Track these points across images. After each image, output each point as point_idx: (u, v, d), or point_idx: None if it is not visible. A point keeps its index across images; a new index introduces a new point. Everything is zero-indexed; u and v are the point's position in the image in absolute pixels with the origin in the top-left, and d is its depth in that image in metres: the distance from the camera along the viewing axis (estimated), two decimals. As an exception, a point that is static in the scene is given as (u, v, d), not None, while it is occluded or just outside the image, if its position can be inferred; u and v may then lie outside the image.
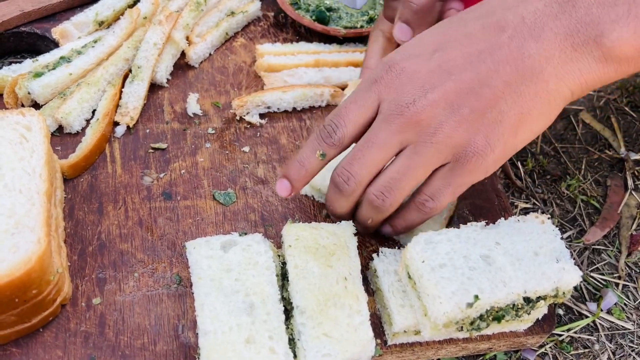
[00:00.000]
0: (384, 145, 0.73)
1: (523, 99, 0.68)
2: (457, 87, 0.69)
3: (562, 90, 0.68)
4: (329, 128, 0.76)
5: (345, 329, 0.73)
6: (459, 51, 0.69)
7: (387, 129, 0.72)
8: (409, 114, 0.70)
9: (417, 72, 0.71)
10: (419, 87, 0.70)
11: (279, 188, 0.81)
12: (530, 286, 0.74)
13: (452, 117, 0.69)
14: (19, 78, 0.93)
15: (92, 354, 0.74)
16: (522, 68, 0.67)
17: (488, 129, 0.69)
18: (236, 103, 1.00)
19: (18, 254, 0.66)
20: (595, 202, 1.06)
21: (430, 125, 0.70)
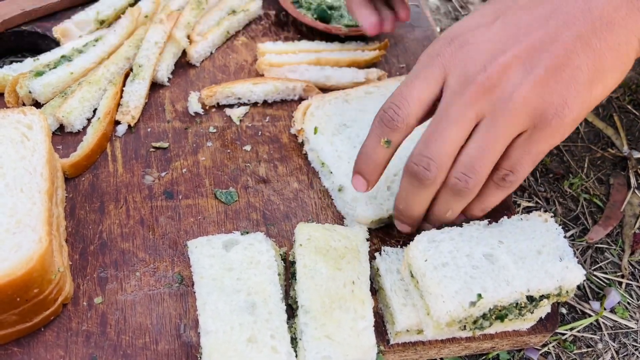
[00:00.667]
0: (459, 121, 0.69)
1: (595, 52, 0.66)
2: (528, 47, 0.67)
3: (632, 41, 0.67)
4: (390, 111, 0.73)
5: (348, 333, 0.73)
6: (523, 13, 0.68)
7: (460, 102, 0.69)
8: (481, 81, 0.68)
9: (482, 40, 0.69)
10: (488, 53, 0.68)
11: (355, 184, 0.79)
12: (533, 285, 0.74)
13: (526, 79, 0.67)
14: (20, 77, 0.93)
15: (94, 354, 0.74)
16: (591, 19, 0.65)
17: (564, 88, 0.67)
18: (205, 93, 1.00)
19: (19, 253, 0.66)
20: (598, 201, 1.05)
21: (505, 90, 0.67)
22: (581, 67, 0.66)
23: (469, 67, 0.69)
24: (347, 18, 1.15)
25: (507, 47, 0.68)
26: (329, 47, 1.12)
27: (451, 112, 0.69)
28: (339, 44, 1.13)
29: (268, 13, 1.20)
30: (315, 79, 1.05)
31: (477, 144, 0.70)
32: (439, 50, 0.71)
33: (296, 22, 1.18)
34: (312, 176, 0.95)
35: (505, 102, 0.67)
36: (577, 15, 0.66)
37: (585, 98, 0.68)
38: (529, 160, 0.71)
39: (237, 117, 1.01)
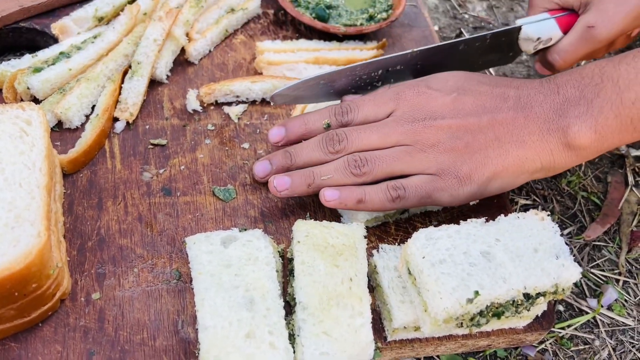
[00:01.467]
0: (384, 136, 0.85)
1: (506, 154, 0.82)
2: (460, 124, 0.83)
3: (535, 161, 0.82)
4: (344, 108, 0.89)
5: (345, 330, 0.73)
6: (471, 99, 0.85)
7: (393, 127, 0.85)
8: (417, 126, 0.84)
9: (434, 100, 0.85)
10: (432, 112, 0.85)
11: (274, 134, 0.90)
12: (530, 282, 0.74)
13: (448, 143, 0.83)
14: (18, 73, 0.93)
15: (92, 349, 0.74)
16: (511, 133, 0.82)
17: (474, 165, 0.82)
18: (203, 91, 1.00)
19: (18, 247, 0.66)
20: (596, 199, 1.06)
21: (430, 140, 0.83)
22: (491, 159, 0.82)
23: (414, 113, 0.85)
24: (345, 17, 1.15)
25: (448, 116, 0.84)
26: (327, 46, 1.12)
27: (384, 128, 0.85)
28: (337, 43, 1.14)
29: (267, 12, 1.20)
30: None
31: (387, 152, 0.84)
32: (401, 91, 0.88)
33: (295, 21, 1.19)
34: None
35: (425, 146, 0.84)
36: (503, 124, 0.82)
37: (484, 182, 0.83)
38: (420, 193, 0.83)
39: (235, 114, 1.01)
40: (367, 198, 0.83)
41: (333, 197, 0.83)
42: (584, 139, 0.80)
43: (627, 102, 0.78)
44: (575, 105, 0.80)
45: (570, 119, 0.80)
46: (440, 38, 1.31)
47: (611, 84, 0.79)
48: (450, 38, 1.34)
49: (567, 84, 0.82)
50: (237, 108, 1.01)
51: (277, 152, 0.90)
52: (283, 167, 0.88)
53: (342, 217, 0.91)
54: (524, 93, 0.84)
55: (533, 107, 0.82)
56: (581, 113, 0.80)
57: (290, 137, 0.90)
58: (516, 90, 0.85)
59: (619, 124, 0.79)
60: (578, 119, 0.80)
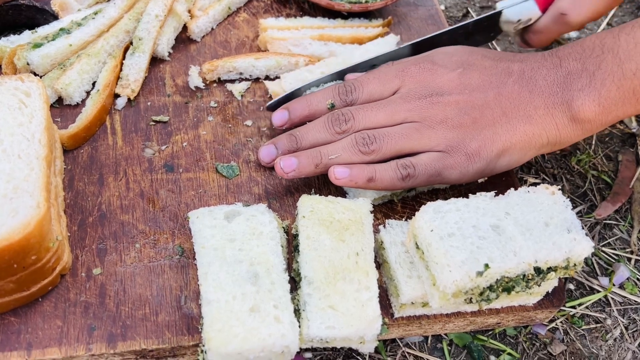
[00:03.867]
0: (391, 113, 0.84)
1: (513, 129, 0.81)
2: (468, 100, 0.82)
3: (542, 136, 0.81)
4: (348, 87, 0.87)
5: (352, 304, 0.71)
6: (477, 74, 0.84)
7: (400, 104, 0.84)
8: (423, 103, 0.83)
9: (440, 76, 0.84)
10: (438, 88, 0.84)
11: (277, 117, 0.89)
12: (541, 256, 0.72)
13: (456, 118, 0.82)
14: (18, 48, 0.91)
15: (92, 324, 0.72)
16: (517, 106, 0.81)
17: (482, 141, 0.81)
18: (206, 67, 0.99)
19: (17, 218, 0.65)
20: (606, 177, 1.04)
21: (437, 116, 0.82)
22: (499, 135, 0.81)
23: (420, 90, 0.84)
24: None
25: (454, 92, 0.83)
26: (331, 24, 1.10)
27: (390, 105, 0.84)
28: (341, 21, 1.12)
29: (270, -10, 1.18)
30: (319, 54, 1.03)
31: (396, 129, 0.83)
32: (405, 67, 0.87)
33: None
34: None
35: (433, 122, 0.82)
36: (509, 98, 0.82)
37: (493, 159, 0.81)
38: (429, 171, 0.81)
39: (238, 92, 0.99)
40: (377, 176, 0.81)
41: (344, 174, 0.81)
42: (588, 112, 0.79)
43: (629, 73, 0.77)
44: (577, 78, 0.80)
45: (573, 92, 0.79)
46: (446, 17, 1.29)
47: (612, 55, 0.78)
48: (456, 17, 1.32)
49: (569, 56, 0.81)
50: (241, 85, 1.00)
51: (282, 136, 0.88)
52: (289, 151, 0.86)
53: (348, 194, 0.89)
54: (527, 67, 0.83)
55: (537, 81, 0.82)
56: (584, 86, 0.79)
57: (294, 120, 0.89)
58: (520, 64, 0.84)
59: (621, 96, 0.78)
60: (581, 92, 0.79)
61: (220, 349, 0.66)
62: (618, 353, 0.85)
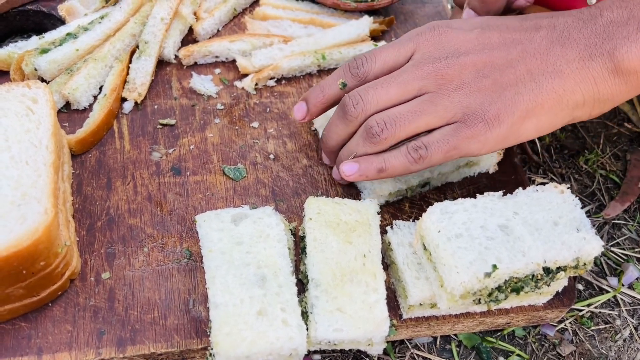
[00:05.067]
0: (403, 84, 0.77)
1: (540, 89, 0.73)
2: (487, 60, 0.75)
3: (575, 92, 0.73)
4: (359, 61, 0.81)
5: (359, 306, 0.71)
6: (497, 33, 0.77)
7: (413, 72, 0.77)
8: (438, 66, 0.76)
9: (456, 37, 0.78)
10: (454, 49, 0.77)
11: (296, 110, 0.86)
12: (550, 256, 0.72)
13: (475, 82, 0.75)
14: (25, 54, 0.92)
15: (102, 329, 0.73)
16: (546, 63, 0.73)
17: (503, 104, 0.73)
18: (182, 53, 1.00)
19: (25, 224, 0.65)
20: (615, 177, 1.03)
21: (453, 81, 0.75)
22: (523, 95, 0.73)
23: (435, 52, 0.77)
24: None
25: (472, 52, 0.76)
26: (329, 12, 1.11)
27: (402, 75, 0.77)
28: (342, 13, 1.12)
29: (275, -9, 1.18)
30: (297, 36, 1.05)
31: (408, 107, 0.76)
32: (420, 31, 0.80)
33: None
34: (321, 152, 0.93)
35: (448, 90, 0.75)
36: (536, 55, 0.74)
37: (515, 124, 0.74)
38: (444, 147, 0.75)
39: (250, 87, 0.99)
40: (387, 165, 0.77)
41: (352, 170, 0.79)
42: (634, 61, 0.70)
43: None
44: (622, 25, 0.71)
45: (617, 40, 0.71)
46: (452, 16, 1.28)
47: None
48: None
49: (611, 5, 0.73)
50: (246, 81, 0.99)
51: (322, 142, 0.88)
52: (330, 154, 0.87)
53: (362, 192, 0.89)
54: (559, 21, 0.75)
55: (571, 34, 0.73)
56: (630, 33, 0.70)
57: (312, 110, 0.85)
58: (550, 19, 0.76)
59: None
60: (627, 39, 0.70)
61: (228, 352, 0.66)
62: (628, 354, 0.84)
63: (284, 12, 1.07)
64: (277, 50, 1.01)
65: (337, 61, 1.03)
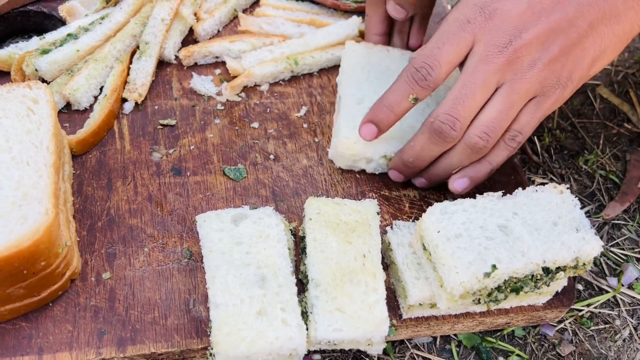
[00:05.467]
0: (484, 86, 0.77)
1: (601, 37, 0.75)
2: (548, 27, 0.75)
3: (633, 29, 0.76)
4: (423, 71, 0.78)
5: (359, 306, 0.72)
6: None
7: (486, 69, 0.76)
8: (507, 54, 0.75)
9: (509, 14, 0.76)
10: (513, 28, 0.76)
11: (364, 132, 0.83)
12: (549, 256, 0.72)
13: (544, 55, 0.75)
14: (26, 55, 0.92)
15: (102, 328, 0.73)
16: (603, 10, 0.74)
17: (572, 64, 0.76)
18: (183, 53, 1.01)
19: (26, 225, 0.65)
20: (614, 177, 1.03)
21: (525, 63, 0.76)
22: (588, 49, 0.76)
23: (497, 39, 0.76)
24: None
25: (530, 25, 0.75)
26: (328, 12, 1.12)
27: (477, 77, 0.76)
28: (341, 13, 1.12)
29: (276, -8, 1.18)
30: (290, 34, 1.05)
31: (497, 107, 0.77)
32: (469, 16, 0.77)
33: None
34: (321, 153, 0.94)
35: (523, 73, 0.76)
36: (593, 5, 0.74)
37: (585, 73, 0.78)
38: (534, 122, 0.79)
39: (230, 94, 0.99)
40: (494, 165, 0.82)
41: (464, 185, 0.83)
42: None
43: None
44: None
45: None
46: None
47: None
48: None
49: None
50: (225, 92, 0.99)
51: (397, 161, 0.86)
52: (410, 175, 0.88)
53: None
54: None
55: None
56: None
57: (384, 130, 0.84)
58: None
59: None
60: None
61: (228, 352, 0.66)
62: (627, 354, 0.84)
63: (284, 13, 1.08)
64: (267, 52, 1.01)
65: (310, 66, 1.03)
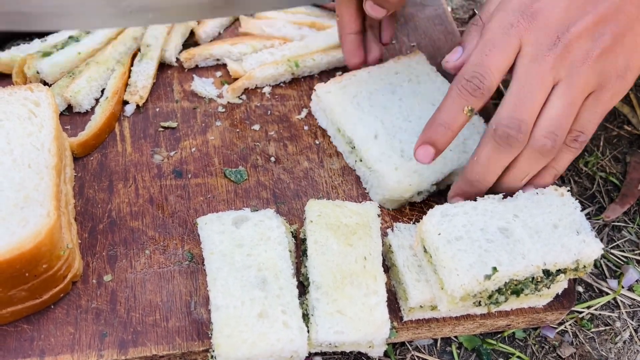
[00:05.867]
0: (541, 86, 0.75)
1: None
2: (596, 18, 0.73)
3: None
4: (476, 80, 0.76)
5: (360, 308, 0.72)
6: None
7: (541, 69, 0.74)
8: (558, 51, 0.74)
9: (552, 11, 0.75)
10: (560, 24, 0.74)
11: (421, 155, 0.79)
12: (549, 258, 0.72)
13: (597, 46, 0.73)
14: (27, 57, 0.92)
15: (104, 331, 0.73)
16: None
17: (627, 52, 0.74)
18: (184, 56, 1.01)
19: (28, 227, 0.66)
20: (615, 179, 1.03)
21: (578, 57, 0.74)
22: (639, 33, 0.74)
23: (544, 38, 0.74)
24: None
25: (577, 19, 0.73)
26: (330, 15, 1.12)
27: (533, 78, 0.74)
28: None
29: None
30: (291, 36, 1.05)
31: (558, 106, 0.74)
32: (512, 20, 0.76)
33: (305, 3, 1.17)
34: (322, 155, 0.94)
35: (578, 68, 0.74)
36: None
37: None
38: (597, 119, 0.76)
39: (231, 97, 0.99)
40: (559, 170, 0.80)
41: None
42: None
43: None
44: None
45: None
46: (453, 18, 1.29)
47: None
48: (462, 19, 1.32)
49: None
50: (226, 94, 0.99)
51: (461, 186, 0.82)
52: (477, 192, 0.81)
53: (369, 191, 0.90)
54: None
55: None
56: None
57: (441, 149, 0.80)
58: None
59: None
60: None
61: (229, 354, 0.67)
62: (628, 355, 0.85)
63: (284, 16, 1.07)
64: (268, 55, 1.01)
65: (311, 68, 1.02)
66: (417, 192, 0.87)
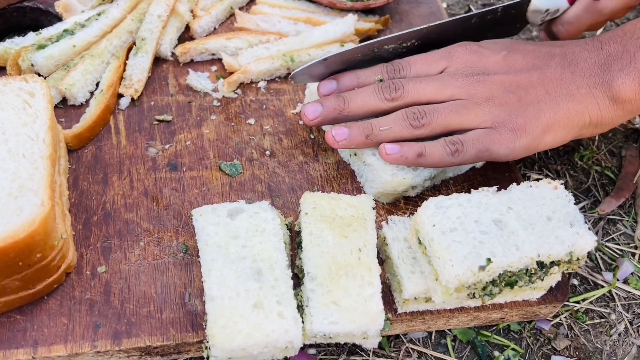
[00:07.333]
0: (440, 87, 0.85)
1: (557, 107, 0.83)
2: (513, 80, 0.85)
3: (584, 114, 0.83)
4: (397, 66, 0.88)
5: (354, 299, 0.72)
6: (520, 57, 0.87)
7: (448, 80, 0.85)
8: (470, 80, 0.85)
9: (487, 57, 0.87)
10: (484, 68, 0.87)
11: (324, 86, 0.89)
12: (543, 250, 0.72)
13: (502, 96, 0.84)
14: (22, 50, 0.92)
15: (97, 322, 0.73)
16: (560, 86, 0.84)
17: (527, 117, 0.83)
18: (179, 50, 1.01)
19: (22, 216, 0.65)
20: (610, 173, 1.04)
21: (484, 94, 0.84)
22: (544, 112, 0.83)
23: (467, 68, 0.87)
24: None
25: (500, 72, 0.86)
26: (325, 11, 1.12)
27: (438, 80, 0.85)
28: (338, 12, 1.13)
29: (272, -11, 1.18)
30: (286, 32, 1.06)
31: (445, 105, 0.84)
32: (452, 49, 0.89)
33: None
34: (317, 149, 0.94)
35: (479, 99, 0.84)
36: (552, 79, 0.84)
37: (538, 135, 0.83)
38: (477, 146, 0.82)
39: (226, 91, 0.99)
40: (427, 152, 0.82)
41: (394, 150, 0.82)
42: (628, 92, 0.80)
43: None
44: (618, 59, 0.82)
45: (614, 72, 0.81)
46: (448, 15, 1.29)
47: None
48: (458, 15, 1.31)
49: (610, 40, 0.84)
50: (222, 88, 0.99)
51: (330, 97, 0.88)
52: (335, 110, 0.86)
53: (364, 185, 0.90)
54: (569, 50, 0.86)
55: (579, 63, 0.84)
56: (624, 66, 0.81)
57: (341, 90, 0.89)
58: (561, 48, 0.87)
59: None
60: (621, 72, 0.81)
61: (224, 345, 0.66)
62: (623, 348, 0.85)
63: (280, 11, 1.07)
64: (263, 49, 1.01)
65: (306, 63, 1.01)
66: (412, 187, 0.87)
